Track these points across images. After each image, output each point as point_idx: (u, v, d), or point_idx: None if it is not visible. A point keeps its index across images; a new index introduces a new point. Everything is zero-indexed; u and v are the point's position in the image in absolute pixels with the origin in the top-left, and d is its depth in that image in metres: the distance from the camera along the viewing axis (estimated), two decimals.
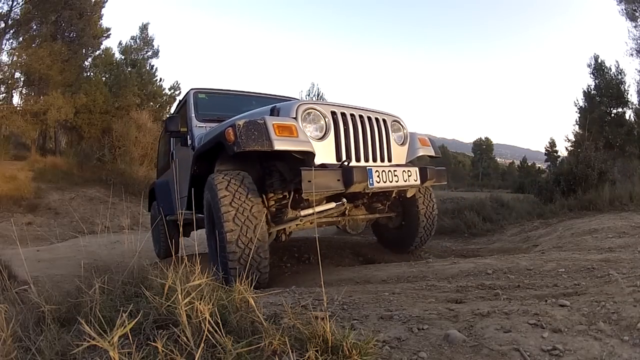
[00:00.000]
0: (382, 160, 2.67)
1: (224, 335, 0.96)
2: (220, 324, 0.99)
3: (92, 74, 15.28)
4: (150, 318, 1.13)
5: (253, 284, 2.06)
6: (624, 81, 13.19)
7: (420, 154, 3.02)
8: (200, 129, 3.23)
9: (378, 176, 2.36)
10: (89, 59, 15.66)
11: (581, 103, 14.13)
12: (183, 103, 3.74)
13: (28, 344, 1.11)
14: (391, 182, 2.44)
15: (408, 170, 2.57)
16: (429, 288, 1.82)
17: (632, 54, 12.72)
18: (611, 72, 13.43)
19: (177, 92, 16.75)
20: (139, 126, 13.44)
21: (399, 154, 2.84)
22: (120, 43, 16.17)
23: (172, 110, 16.69)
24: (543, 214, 5.22)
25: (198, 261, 1.30)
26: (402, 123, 2.91)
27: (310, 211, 2.49)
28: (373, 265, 2.94)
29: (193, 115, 3.37)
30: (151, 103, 16.21)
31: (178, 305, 1.02)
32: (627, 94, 13.10)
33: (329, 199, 2.59)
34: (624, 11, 12.54)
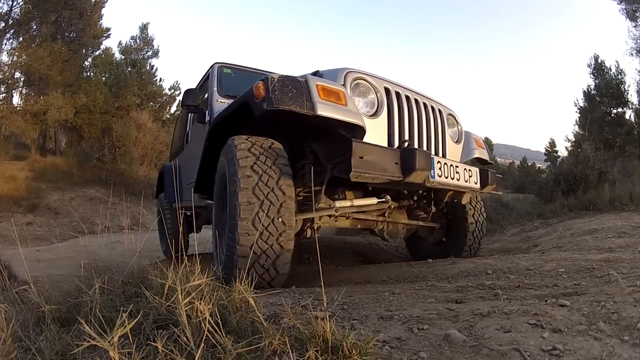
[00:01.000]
0: (437, 155, 2.25)
1: (224, 335, 0.96)
2: (220, 324, 0.99)
3: (92, 74, 15.27)
4: (150, 318, 1.13)
5: (270, 282, 1.74)
6: (624, 81, 13.17)
7: (476, 155, 2.60)
8: (222, 105, 2.86)
9: (440, 168, 1.95)
10: (89, 59, 15.65)
11: (581, 103, 14.13)
12: (205, 78, 3.41)
13: (28, 344, 1.12)
14: (452, 179, 2.03)
15: (469, 170, 2.16)
16: (429, 288, 1.82)
17: (632, 54, 12.70)
18: (611, 72, 13.41)
19: (177, 92, 16.76)
20: (139, 126, 13.44)
21: (454, 152, 2.45)
22: (120, 43, 16.17)
23: (173, 109, 16.70)
24: (543, 214, 5.23)
25: (198, 261, 1.30)
26: (457, 118, 2.53)
27: (347, 203, 2.06)
28: (373, 265, 2.94)
29: (215, 89, 2.97)
30: (151, 103, 16.20)
31: (178, 305, 1.02)
32: (627, 94, 13.08)
33: (367, 194, 2.19)
34: (624, 11, 12.53)
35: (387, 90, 2.06)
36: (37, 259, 4.40)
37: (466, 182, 2.14)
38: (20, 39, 12.92)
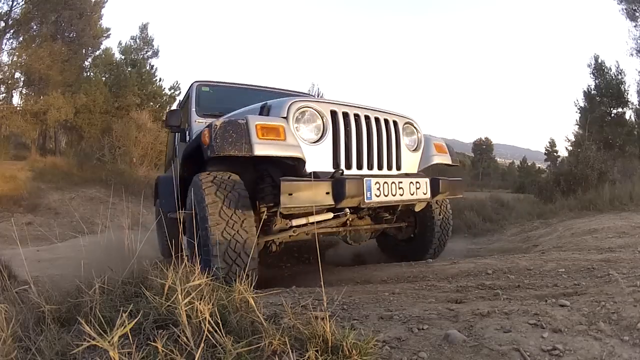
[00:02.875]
0: (390, 168, 2.40)
1: (224, 335, 0.96)
2: (220, 324, 0.99)
3: (92, 74, 15.27)
4: (150, 318, 1.13)
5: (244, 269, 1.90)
6: (624, 81, 13.16)
7: (435, 161, 2.70)
8: (200, 125, 3.00)
9: (378, 189, 2.07)
10: (89, 59, 15.69)
11: (581, 103, 14.12)
12: (186, 98, 3.58)
13: (28, 344, 1.11)
14: (394, 195, 2.14)
15: (416, 182, 2.27)
16: (429, 288, 1.82)
17: (632, 54, 12.71)
18: (611, 72, 13.41)
19: (177, 92, 16.76)
20: (139, 126, 13.42)
21: (411, 161, 2.57)
22: (120, 43, 16.15)
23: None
24: (543, 214, 5.22)
25: (198, 261, 1.31)
26: (415, 126, 2.61)
27: (303, 221, 2.23)
28: (373, 265, 2.93)
29: (194, 109, 3.18)
30: (151, 103, 16.19)
31: (178, 305, 1.02)
32: (627, 94, 13.08)
33: (327, 209, 2.31)
34: (624, 11, 12.53)
35: (333, 113, 2.18)
36: (37, 259, 4.38)
37: (412, 194, 2.25)
38: (20, 39, 12.94)
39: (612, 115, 13.27)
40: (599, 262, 2.05)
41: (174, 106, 16.51)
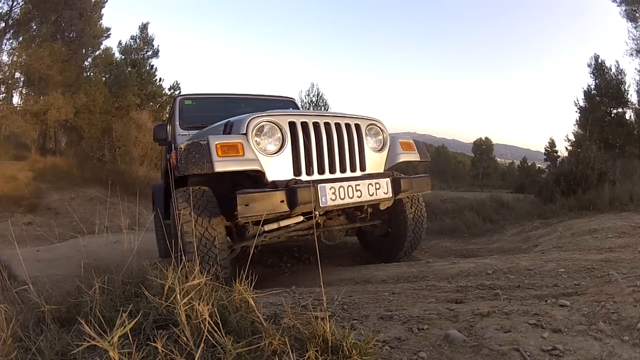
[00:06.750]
0: (353, 170, 2.45)
1: (224, 335, 0.96)
2: (220, 324, 0.99)
3: (92, 74, 15.24)
4: (150, 318, 1.13)
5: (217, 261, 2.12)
6: (624, 81, 13.14)
7: (402, 160, 2.74)
8: (184, 137, 3.18)
9: (333, 193, 2.16)
10: (89, 59, 15.65)
11: (581, 103, 14.09)
12: (172, 111, 3.76)
13: (28, 344, 1.11)
14: (351, 198, 2.22)
15: (376, 183, 2.34)
16: (429, 288, 1.82)
17: (632, 54, 12.69)
18: (611, 72, 13.39)
19: (177, 92, 16.74)
20: (139, 126, 13.41)
21: (376, 161, 2.62)
22: (120, 43, 16.08)
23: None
24: (543, 214, 5.22)
25: (197, 261, 1.30)
26: (380, 126, 2.67)
27: (274, 226, 2.37)
28: (373, 265, 2.94)
29: (177, 123, 3.40)
30: (151, 103, 16.16)
31: (177, 305, 1.02)
32: (627, 94, 13.06)
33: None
34: (624, 12, 12.53)
35: (292, 124, 2.29)
36: (37, 259, 4.39)
37: (371, 195, 2.31)
38: (20, 39, 12.92)
39: (612, 115, 13.25)
40: (599, 262, 2.05)
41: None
